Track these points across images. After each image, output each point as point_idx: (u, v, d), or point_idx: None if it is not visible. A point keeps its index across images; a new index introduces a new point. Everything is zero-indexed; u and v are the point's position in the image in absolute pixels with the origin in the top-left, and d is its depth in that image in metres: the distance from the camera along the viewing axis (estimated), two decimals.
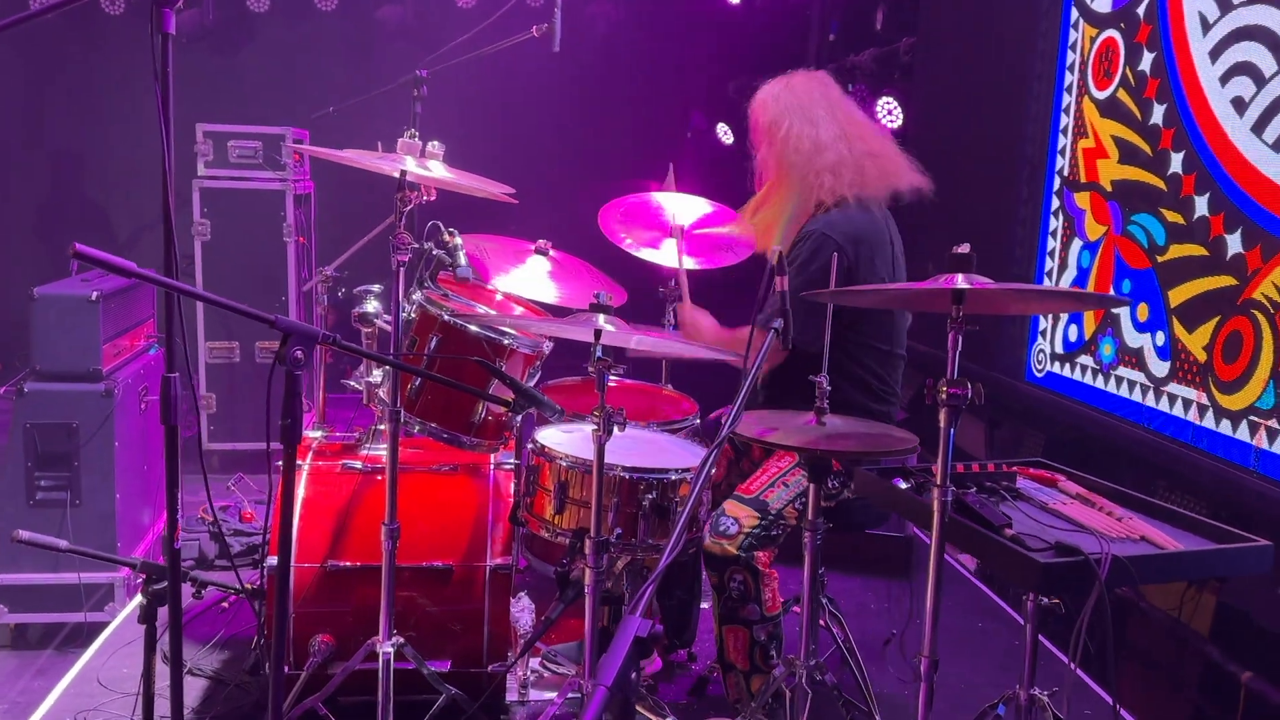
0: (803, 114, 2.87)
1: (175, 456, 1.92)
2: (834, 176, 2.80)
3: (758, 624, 2.54)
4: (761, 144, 2.93)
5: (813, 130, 2.80)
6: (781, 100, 2.91)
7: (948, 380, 1.87)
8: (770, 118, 2.90)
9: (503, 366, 2.47)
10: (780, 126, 2.86)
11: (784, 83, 2.94)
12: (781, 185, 2.86)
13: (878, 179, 2.83)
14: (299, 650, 2.58)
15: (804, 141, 2.80)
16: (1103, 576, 1.78)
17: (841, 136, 2.82)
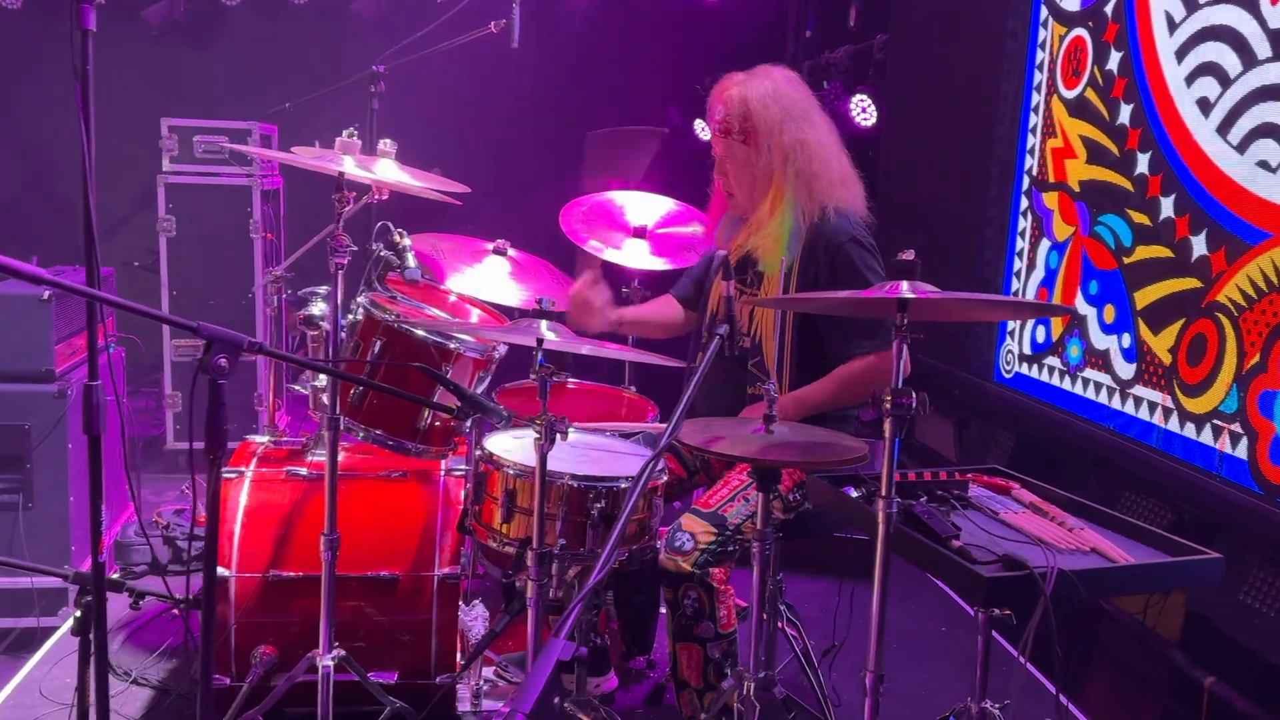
0: (806, 118, 2.70)
1: (99, 467, 1.86)
2: (846, 187, 2.70)
3: (711, 641, 2.49)
4: (756, 144, 2.68)
5: (818, 135, 2.67)
6: (781, 100, 2.69)
7: (893, 390, 1.83)
8: (773, 118, 2.66)
9: (449, 371, 2.41)
10: (787, 129, 2.66)
11: (768, 80, 2.72)
12: (789, 193, 2.65)
13: (863, 195, 2.76)
14: (241, 662, 2.53)
15: (818, 148, 2.65)
16: (1048, 591, 1.74)
17: (838, 144, 2.72)
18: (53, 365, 3.60)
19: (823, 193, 2.63)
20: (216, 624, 2.54)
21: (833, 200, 2.64)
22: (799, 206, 2.62)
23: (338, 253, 2.23)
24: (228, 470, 2.68)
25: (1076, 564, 1.88)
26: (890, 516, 1.87)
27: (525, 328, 2.05)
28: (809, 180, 2.64)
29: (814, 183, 2.63)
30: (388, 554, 2.60)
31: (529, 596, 2.10)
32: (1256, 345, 2.86)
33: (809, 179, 2.64)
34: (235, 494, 2.63)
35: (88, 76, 1.76)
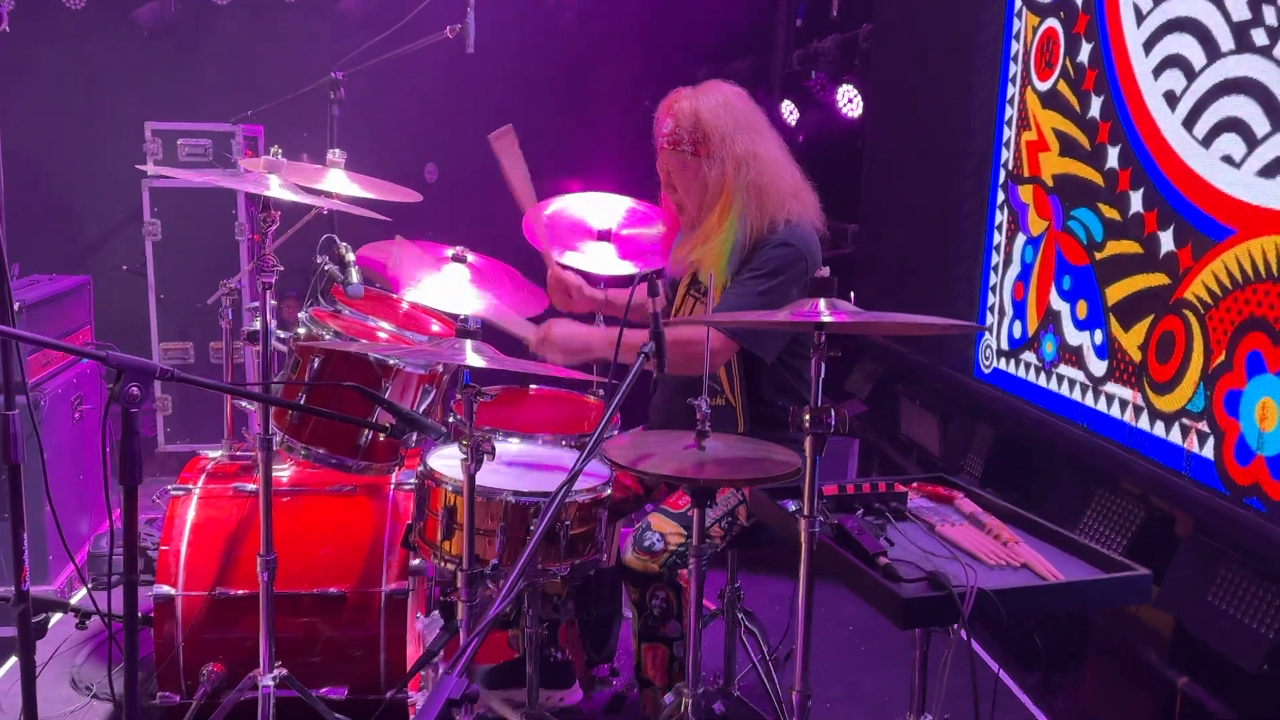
0: (755, 132, 2.68)
1: (19, 496, 1.86)
2: (798, 203, 2.67)
3: (678, 641, 2.49)
4: (707, 156, 2.65)
5: (767, 149, 2.65)
6: (732, 112, 2.67)
7: (811, 409, 1.80)
8: (724, 129, 2.64)
9: (388, 388, 2.40)
10: (738, 140, 2.63)
11: (717, 94, 2.70)
12: (738, 204, 2.63)
13: (817, 206, 2.72)
14: (190, 679, 2.54)
15: (767, 161, 2.64)
16: (965, 612, 1.72)
17: (788, 157, 2.70)
18: (24, 377, 3.60)
19: (773, 205, 2.61)
20: (165, 641, 2.55)
21: (784, 213, 2.62)
22: (748, 219, 2.60)
23: (264, 272, 2.22)
24: (176, 487, 2.69)
25: (1002, 582, 1.85)
26: (813, 536, 1.84)
27: (450, 348, 2.03)
28: (759, 192, 2.61)
29: (764, 194, 2.61)
30: (335, 570, 2.60)
31: (459, 618, 2.08)
32: (1222, 343, 2.82)
33: (759, 190, 2.61)
34: (183, 511, 2.64)
35: None
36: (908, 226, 4.94)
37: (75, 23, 6.80)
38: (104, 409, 1.63)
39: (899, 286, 5.05)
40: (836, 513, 2.14)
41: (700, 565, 2.12)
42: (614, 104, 6.68)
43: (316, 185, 2.80)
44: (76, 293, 4.16)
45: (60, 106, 6.71)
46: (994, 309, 4.06)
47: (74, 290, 4.13)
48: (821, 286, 1.83)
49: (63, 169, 6.70)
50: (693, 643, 2.16)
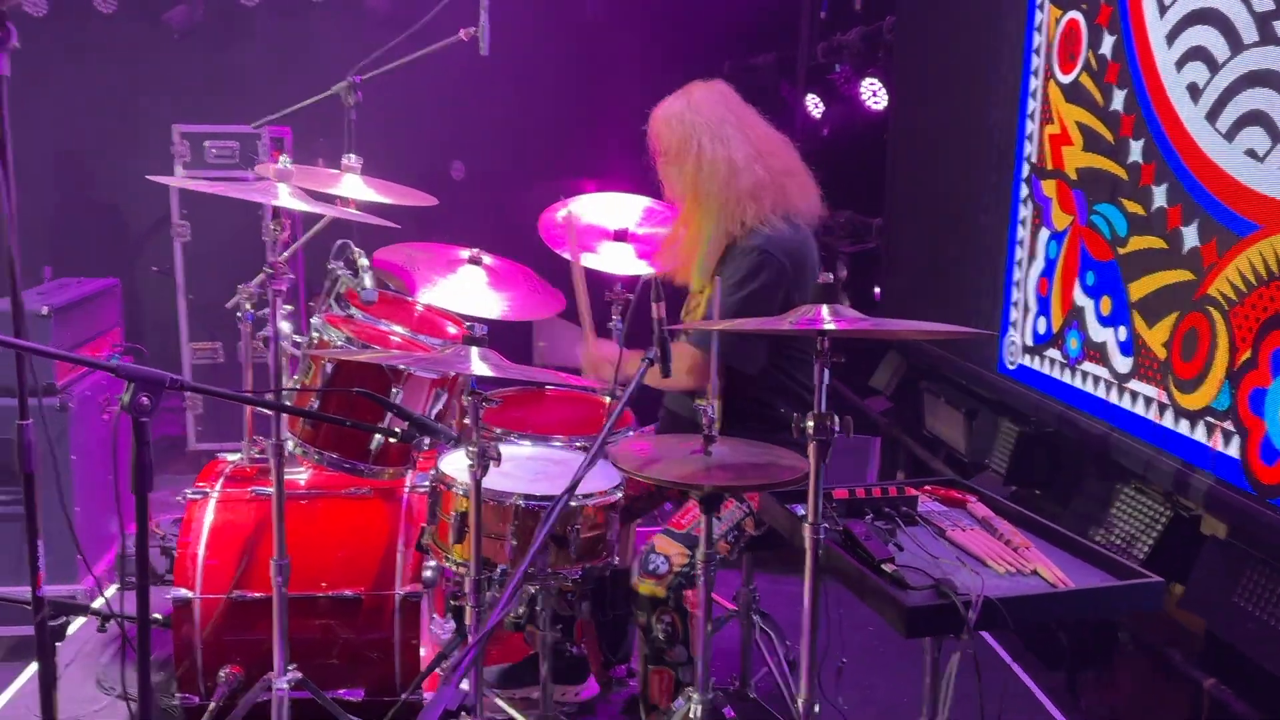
0: (712, 133, 2.69)
1: (34, 505, 1.89)
2: (755, 202, 2.66)
3: (683, 666, 2.48)
4: (670, 167, 2.76)
5: (726, 151, 2.64)
6: (688, 120, 2.72)
7: (815, 415, 1.79)
8: (678, 139, 2.72)
9: (399, 392, 2.42)
10: (689, 149, 2.69)
11: (684, 100, 2.76)
12: (698, 212, 2.69)
13: (800, 199, 2.71)
14: (209, 680, 2.58)
15: (719, 166, 2.64)
16: (970, 621, 1.70)
17: (756, 156, 2.67)
18: (53, 379, 3.67)
19: (722, 209, 2.64)
20: (183, 643, 2.59)
21: (741, 215, 2.63)
22: (709, 223, 2.64)
23: (275, 279, 2.24)
24: (194, 490, 2.73)
25: (1010, 589, 1.84)
26: (818, 542, 1.83)
27: (455, 356, 2.04)
28: (709, 198, 2.65)
29: (712, 200, 2.65)
30: (350, 573, 2.62)
31: (467, 623, 2.10)
32: (1247, 340, 2.77)
33: (709, 197, 2.65)
34: (200, 514, 2.67)
35: (3, 121, 1.77)
36: (932, 221, 4.90)
37: (107, 26, 6.89)
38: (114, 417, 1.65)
39: (923, 282, 5.01)
40: (846, 517, 2.13)
41: (709, 573, 2.11)
42: (636, 101, 6.67)
43: (331, 190, 2.82)
44: (105, 295, 4.21)
45: (93, 109, 6.81)
46: (1018, 304, 4.01)
47: (103, 293, 4.18)
48: (826, 292, 1.82)
49: (96, 171, 6.80)
50: (703, 648, 2.16)
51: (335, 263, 2.61)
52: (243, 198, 2.20)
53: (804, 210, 2.71)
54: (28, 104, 6.86)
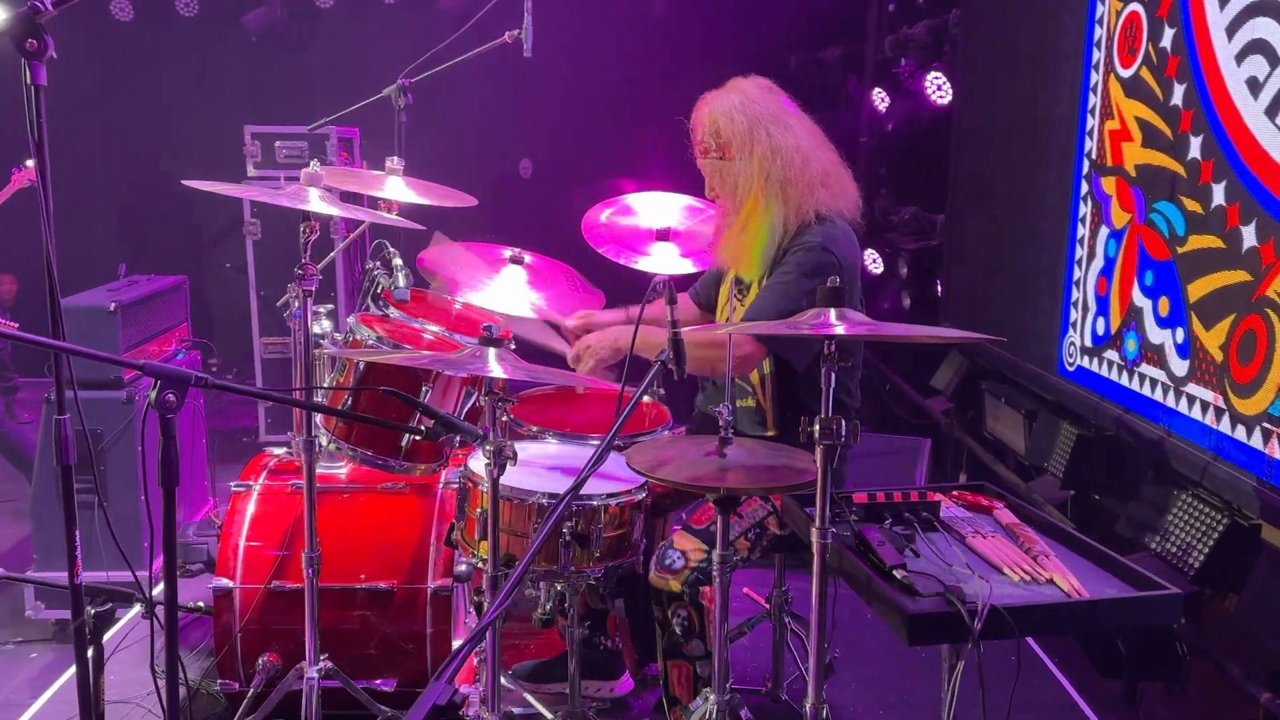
0: (779, 122, 2.65)
1: (71, 497, 1.98)
2: (826, 189, 2.63)
3: (701, 659, 2.48)
4: (730, 162, 2.68)
5: (794, 139, 2.61)
6: (751, 111, 2.66)
7: (821, 419, 1.78)
8: (743, 131, 2.65)
9: (428, 391, 2.46)
10: (758, 139, 2.63)
11: (738, 93, 2.71)
12: (764, 201, 2.63)
13: (855, 194, 2.69)
14: (248, 668, 2.66)
15: (791, 153, 2.59)
16: (975, 630, 1.68)
17: (817, 145, 2.66)
18: (121, 372, 3.81)
19: (799, 196, 2.58)
20: (223, 631, 2.68)
21: (812, 203, 2.59)
22: (778, 213, 2.59)
23: (305, 280, 2.30)
24: (238, 483, 2.81)
25: (1022, 598, 1.80)
26: (825, 546, 1.82)
27: (472, 358, 2.07)
28: (783, 186, 2.59)
29: (788, 188, 2.59)
30: (384, 566, 2.68)
31: (482, 619, 2.13)
32: None
33: (783, 184, 2.59)
34: (243, 506, 2.76)
35: (42, 129, 1.85)
36: (994, 217, 4.80)
37: (188, 29, 7.12)
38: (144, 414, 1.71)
39: (985, 279, 4.92)
40: (865, 521, 2.11)
41: (725, 571, 2.11)
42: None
43: (374, 193, 2.88)
44: (173, 292, 4.36)
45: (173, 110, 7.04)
46: (1077, 304, 3.92)
47: (171, 290, 4.33)
48: (832, 296, 1.80)
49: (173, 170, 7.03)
50: (719, 647, 2.16)
51: (372, 263, 2.66)
52: (271, 202, 2.26)
53: (850, 208, 2.69)
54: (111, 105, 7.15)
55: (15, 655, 3.59)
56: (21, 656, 3.59)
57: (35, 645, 3.65)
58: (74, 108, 6.94)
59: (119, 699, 2.88)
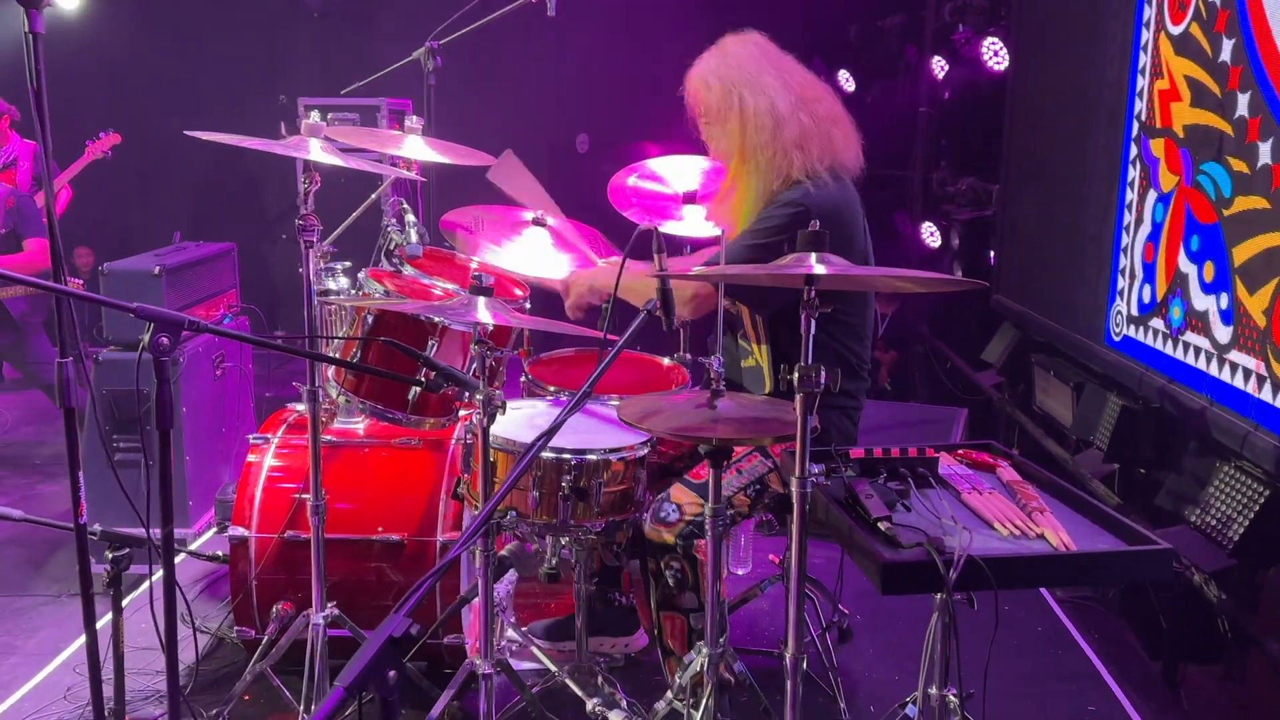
0: (752, 85, 2.61)
1: (75, 438, 2.03)
2: (802, 152, 2.57)
3: (695, 612, 2.47)
4: (712, 125, 2.68)
5: (768, 102, 2.56)
6: (725, 75, 2.64)
7: (801, 366, 1.75)
8: (717, 98, 2.64)
9: (434, 345, 2.48)
10: (731, 106, 2.61)
11: (718, 55, 2.68)
12: (745, 167, 2.62)
13: (845, 148, 2.62)
14: (263, 616, 2.72)
15: (763, 118, 2.56)
16: (950, 579, 1.64)
17: (799, 104, 2.58)
18: None
19: (768, 163, 2.55)
20: (239, 580, 2.74)
21: (786, 167, 2.56)
22: (756, 179, 2.57)
23: (305, 231, 2.33)
24: (255, 436, 2.87)
25: (1007, 550, 1.75)
26: (804, 497, 1.79)
27: (461, 306, 2.08)
28: (755, 152, 2.57)
29: (759, 154, 2.57)
30: (395, 518, 2.71)
31: (477, 565, 2.14)
32: None
33: (755, 150, 2.57)
34: (260, 459, 2.81)
35: (41, 80, 1.90)
36: (1047, 185, 4.67)
37: (253, 5, 7.26)
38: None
39: (1037, 249, 4.79)
40: (859, 477, 2.07)
41: (718, 525, 2.09)
42: None
43: (394, 151, 2.90)
44: (221, 258, 4.46)
45: (235, 83, 7.19)
46: (1125, 272, 3.79)
47: (218, 255, 4.42)
48: (814, 240, 1.77)
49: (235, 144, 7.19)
50: (710, 600, 2.15)
51: (388, 219, 2.69)
52: (280, 153, 2.29)
53: (848, 162, 2.62)
54: (180, 82, 7.33)
55: (69, 606, 3.71)
56: (74, 607, 3.69)
57: None
58: (145, 84, 7.14)
59: (148, 645, 2.96)
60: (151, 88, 7.16)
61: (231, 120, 7.20)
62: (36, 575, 3.99)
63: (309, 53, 7.36)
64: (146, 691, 2.88)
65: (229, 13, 7.27)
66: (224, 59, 7.30)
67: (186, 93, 7.37)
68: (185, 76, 7.35)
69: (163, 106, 7.19)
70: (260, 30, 7.31)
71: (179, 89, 7.32)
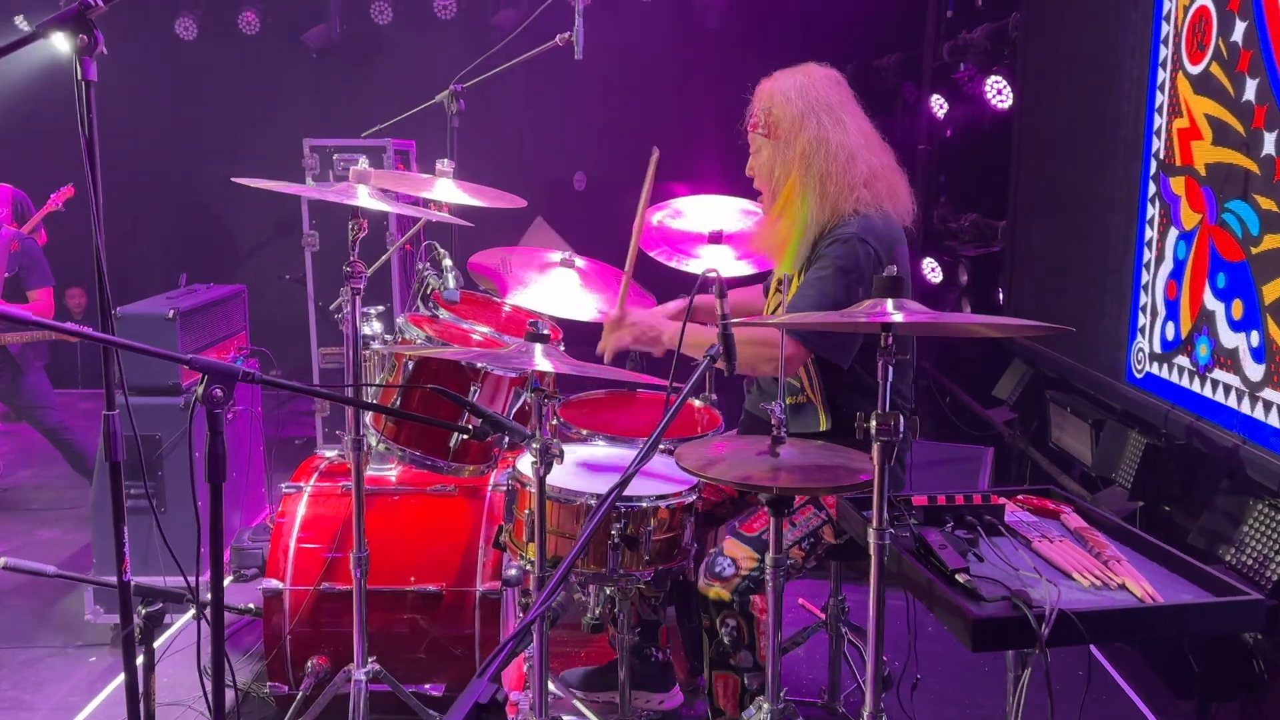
0: (833, 114, 2.58)
1: (120, 491, 1.97)
2: (868, 190, 2.55)
3: (749, 672, 2.41)
4: (775, 141, 2.62)
5: (842, 135, 2.53)
6: (809, 96, 2.59)
7: (878, 415, 1.71)
8: (793, 114, 2.57)
9: (476, 390, 2.43)
10: (806, 125, 2.55)
11: (803, 76, 2.63)
12: (802, 192, 2.56)
13: (905, 196, 2.60)
14: (297, 670, 2.65)
15: (836, 149, 2.52)
16: (1043, 636, 1.60)
17: (868, 146, 2.58)
18: (179, 379, 3.84)
19: (836, 193, 2.50)
20: (273, 634, 2.67)
21: (851, 201, 2.51)
22: (814, 206, 2.52)
23: (354, 278, 2.29)
24: (289, 485, 2.81)
25: (1092, 603, 1.72)
26: (882, 548, 1.75)
27: (519, 353, 2.04)
28: (822, 179, 2.52)
29: (827, 182, 2.51)
30: (433, 568, 2.66)
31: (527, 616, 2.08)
32: None
33: (822, 178, 2.51)
34: (293, 508, 2.75)
35: (92, 125, 1.85)
36: (1057, 221, 4.69)
37: (250, 46, 7.24)
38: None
39: (1048, 285, 4.79)
40: (925, 525, 2.03)
41: (778, 576, 2.04)
42: None
43: (424, 194, 2.87)
44: (232, 300, 4.40)
45: (236, 123, 7.16)
46: (1145, 309, 3.79)
47: (229, 298, 4.37)
48: (890, 286, 1.74)
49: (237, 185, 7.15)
50: (772, 654, 2.09)
51: (422, 264, 2.65)
52: (320, 198, 2.25)
53: (904, 208, 2.60)
54: (175, 122, 7.30)
55: (75, 659, 3.63)
56: (80, 660, 3.63)
57: (94, 649, 3.69)
58: (139, 124, 7.09)
59: (171, 701, 2.88)
60: (147, 129, 7.12)
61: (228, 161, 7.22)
62: (41, 627, 3.91)
63: (308, 93, 7.34)
64: None
65: (225, 53, 7.25)
66: (220, 100, 7.28)
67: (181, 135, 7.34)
68: (179, 119, 7.33)
69: (158, 148, 7.16)
70: (258, 71, 7.29)
71: (173, 131, 7.29)
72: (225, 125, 7.24)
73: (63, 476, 5.38)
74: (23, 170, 6.24)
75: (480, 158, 4.11)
